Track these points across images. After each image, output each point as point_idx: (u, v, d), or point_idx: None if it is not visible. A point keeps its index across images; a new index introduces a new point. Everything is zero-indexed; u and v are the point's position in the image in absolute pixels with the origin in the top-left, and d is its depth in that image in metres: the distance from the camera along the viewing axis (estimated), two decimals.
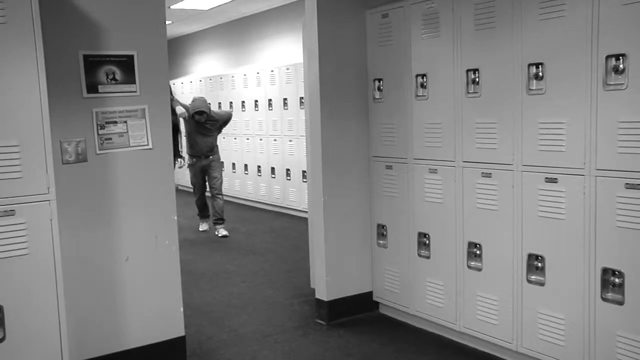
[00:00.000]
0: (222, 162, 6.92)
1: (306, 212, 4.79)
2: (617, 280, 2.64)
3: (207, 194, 6.79)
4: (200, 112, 6.35)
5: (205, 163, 6.57)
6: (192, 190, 6.90)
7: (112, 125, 2.98)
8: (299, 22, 6.53)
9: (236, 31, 9.83)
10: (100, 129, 2.95)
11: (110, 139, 2.98)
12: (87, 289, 3.00)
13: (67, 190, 2.88)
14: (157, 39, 3.09)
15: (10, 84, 2.41)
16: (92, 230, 2.99)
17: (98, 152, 2.95)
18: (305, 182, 7.03)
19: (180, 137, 6.63)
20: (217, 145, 6.66)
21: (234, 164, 8.96)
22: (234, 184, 8.95)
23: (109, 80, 2.95)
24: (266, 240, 6.40)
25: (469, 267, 3.32)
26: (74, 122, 2.89)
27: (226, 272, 5.22)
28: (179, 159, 6.45)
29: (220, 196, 6.65)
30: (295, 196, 7.74)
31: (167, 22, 9.59)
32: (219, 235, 6.65)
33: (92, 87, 2.91)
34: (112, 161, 3.00)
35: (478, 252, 3.26)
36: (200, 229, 6.98)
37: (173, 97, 6.21)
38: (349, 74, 3.87)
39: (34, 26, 2.42)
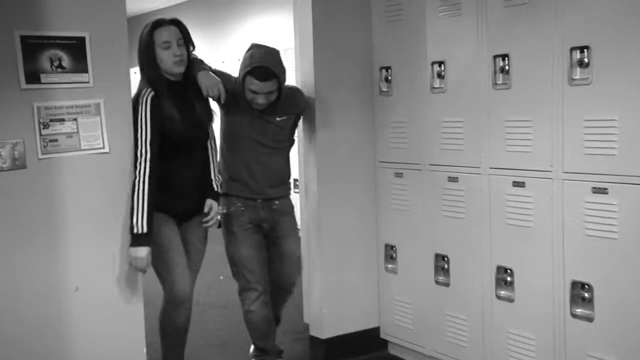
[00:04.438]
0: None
1: (298, 229, 4.70)
2: None
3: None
4: (264, 74, 3.22)
5: (264, 215, 3.44)
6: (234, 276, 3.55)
7: (58, 123, 2.90)
8: None
9: (212, 7, 9.78)
10: (44, 129, 2.87)
11: (56, 140, 2.90)
12: (23, 328, 2.89)
13: (0, 204, 2.79)
14: (114, 17, 3.02)
15: None
16: (32, 254, 2.89)
17: (40, 156, 2.87)
18: (297, 193, 6.95)
19: (215, 151, 3.39)
20: (289, 174, 3.61)
21: None
22: None
23: (54, 68, 2.87)
24: None
25: (498, 297, 3.26)
26: (9, 120, 2.80)
27: (199, 303, 5.12)
28: (212, 207, 3.30)
29: (291, 291, 3.69)
30: None
31: None
32: None
33: (33, 76, 2.82)
34: (58, 168, 2.92)
35: (509, 278, 3.21)
36: None
37: (196, 59, 3.31)
38: (350, 62, 3.84)
39: None
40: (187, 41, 3.16)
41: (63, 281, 2.97)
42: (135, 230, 2.90)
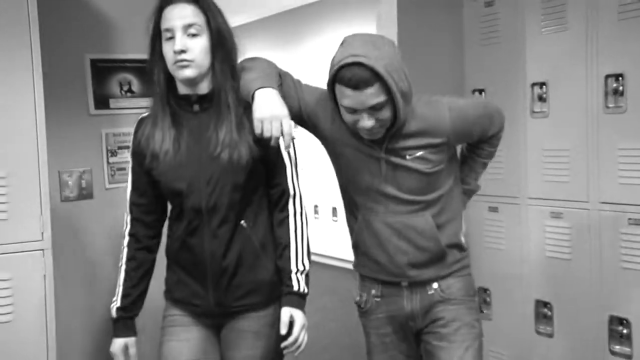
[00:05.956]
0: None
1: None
2: None
3: None
4: (358, 75, 2.00)
5: (410, 308, 2.28)
6: None
7: (126, 151, 2.97)
8: (371, 14, 6.47)
9: (287, 26, 9.92)
10: (112, 157, 2.94)
11: (124, 169, 2.97)
12: None
13: (66, 236, 2.87)
14: None
15: None
16: (98, 290, 2.96)
17: (108, 186, 2.95)
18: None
19: (302, 218, 2.22)
20: (455, 237, 2.31)
21: None
22: None
23: (123, 93, 2.95)
24: (321, 303, 6.27)
25: (612, 352, 3.12)
26: (77, 147, 2.90)
27: None
28: (295, 321, 2.13)
29: None
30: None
31: None
32: None
33: (102, 101, 2.92)
34: (125, 198, 2.98)
35: (625, 331, 3.06)
36: None
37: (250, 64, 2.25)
38: (439, 84, 3.76)
39: (30, 22, 2.44)
40: (213, 29, 2.09)
41: None
42: (111, 314, 2.23)
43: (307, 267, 2.17)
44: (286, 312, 2.10)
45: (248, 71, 2.15)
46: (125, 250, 2.19)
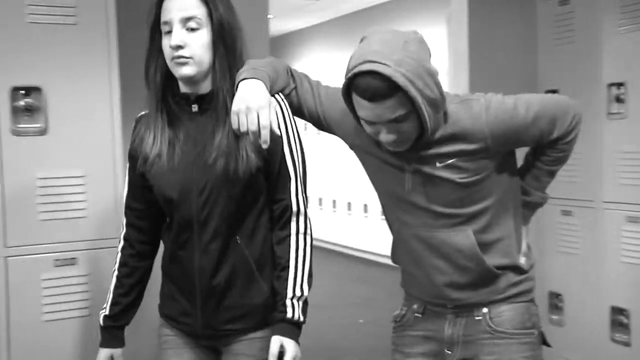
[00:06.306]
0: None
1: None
2: None
3: None
4: (373, 86, 1.73)
5: (451, 333, 2.00)
6: None
7: None
8: (441, 15, 6.45)
9: (356, 27, 9.94)
10: None
11: None
12: None
13: None
14: (257, 38, 3.12)
15: (74, 98, 2.52)
16: None
17: None
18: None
19: (306, 236, 1.96)
20: (511, 256, 1.96)
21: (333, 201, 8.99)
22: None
23: None
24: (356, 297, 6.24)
25: None
26: None
27: (336, 349, 5.13)
28: (286, 350, 1.87)
29: None
30: None
31: (268, 16, 9.73)
32: None
33: None
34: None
35: None
36: None
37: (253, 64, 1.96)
38: (510, 85, 3.74)
39: (109, 28, 2.54)
40: (215, 22, 1.89)
41: None
42: (98, 322, 2.09)
43: (306, 293, 1.91)
44: (276, 342, 1.85)
45: (244, 66, 1.93)
46: (119, 255, 2.07)
